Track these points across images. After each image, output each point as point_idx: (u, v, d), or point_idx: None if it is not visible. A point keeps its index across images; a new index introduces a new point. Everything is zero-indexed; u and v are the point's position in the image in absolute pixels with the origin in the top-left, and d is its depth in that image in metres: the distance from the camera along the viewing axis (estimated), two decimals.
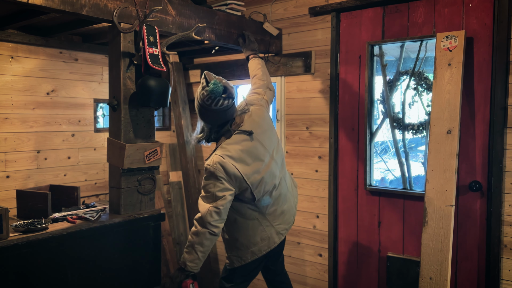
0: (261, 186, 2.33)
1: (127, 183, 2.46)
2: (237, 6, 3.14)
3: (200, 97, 2.26)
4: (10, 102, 3.00)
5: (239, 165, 2.24)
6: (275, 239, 2.44)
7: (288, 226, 2.52)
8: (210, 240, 2.24)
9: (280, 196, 2.46)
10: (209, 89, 2.20)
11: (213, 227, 2.22)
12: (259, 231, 2.41)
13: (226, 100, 2.23)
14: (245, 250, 2.41)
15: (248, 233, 2.40)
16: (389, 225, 3.01)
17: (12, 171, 3.02)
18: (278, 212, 2.46)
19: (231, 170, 2.22)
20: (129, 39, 2.40)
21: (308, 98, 3.33)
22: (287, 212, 2.51)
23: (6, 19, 2.71)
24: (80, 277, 2.26)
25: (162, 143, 2.57)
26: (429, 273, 2.55)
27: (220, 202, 2.21)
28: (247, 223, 2.40)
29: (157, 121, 4.11)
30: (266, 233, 2.42)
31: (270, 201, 2.41)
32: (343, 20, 3.14)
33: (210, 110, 2.25)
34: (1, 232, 2.01)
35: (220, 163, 2.21)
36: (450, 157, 2.53)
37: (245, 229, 2.40)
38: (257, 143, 2.35)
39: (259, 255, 2.42)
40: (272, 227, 2.44)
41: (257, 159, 2.33)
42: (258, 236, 2.40)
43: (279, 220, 2.46)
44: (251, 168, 2.30)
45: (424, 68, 2.91)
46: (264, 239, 2.42)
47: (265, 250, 2.42)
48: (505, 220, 2.58)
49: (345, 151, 3.17)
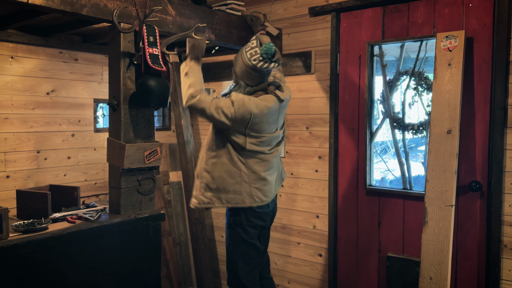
0: (258, 144, 2.41)
1: (127, 183, 2.46)
2: (237, 6, 3.14)
3: (247, 56, 2.34)
4: (10, 102, 3.00)
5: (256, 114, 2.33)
6: (245, 200, 2.43)
7: (265, 198, 2.48)
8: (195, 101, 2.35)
9: (272, 168, 2.51)
10: (262, 50, 2.30)
11: None
12: (236, 181, 2.42)
13: (272, 63, 2.33)
14: (216, 193, 2.45)
15: (225, 177, 2.43)
16: (389, 225, 3.01)
17: (12, 171, 3.02)
18: (262, 176, 2.46)
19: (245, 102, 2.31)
20: (129, 39, 2.40)
21: (308, 98, 3.33)
22: (270, 185, 2.51)
23: (6, 19, 2.71)
24: (80, 277, 2.26)
25: (162, 143, 2.57)
26: (429, 273, 2.55)
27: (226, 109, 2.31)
28: (229, 167, 2.42)
29: (157, 121, 4.11)
30: (240, 187, 2.43)
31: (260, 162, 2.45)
32: (343, 20, 3.14)
33: (254, 69, 2.34)
34: (1, 232, 2.01)
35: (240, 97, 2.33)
36: (450, 157, 2.53)
37: (225, 172, 2.43)
38: (277, 118, 2.47)
39: (226, 204, 2.45)
40: (249, 185, 2.43)
41: (273, 127, 2.46)
42: (233, 185, 2.43)
43: (259, 183, 2.46)
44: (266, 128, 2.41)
45: (424, 68, 2.91)
46: (236, 192, 2.43)
47: (233, 203, 2.43)
48: (505, 220, 2.58)
49: (345, 151, 3.17)
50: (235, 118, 2.31)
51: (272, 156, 2.50)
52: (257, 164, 2.45)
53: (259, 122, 2.37)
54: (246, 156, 2.42)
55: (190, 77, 2.40)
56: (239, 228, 2.50)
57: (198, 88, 2.37)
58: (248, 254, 2.53)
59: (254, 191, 2.45)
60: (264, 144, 2.44)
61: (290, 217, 3.48)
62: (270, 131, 2.46)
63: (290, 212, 3.48)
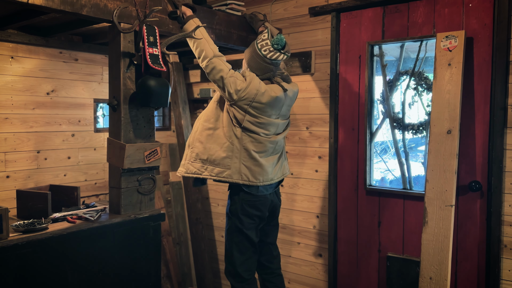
0: (255, 124, 2.46)
1: (127, 183, 2.46)
2: (237, 6, 3.14)
3: (259, 47, 2.45)
4: (10, 102, 3.00)
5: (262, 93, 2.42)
6: (233, 175, 2.48)
7: (253, 179, 2.50)
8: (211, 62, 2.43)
9: (266, 152, 2.55)
10: (273, 41, 2.43)
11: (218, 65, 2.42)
12: (227, 155, 2.48)
13: (282, 55, 2.45)
14: (205, 164, 2.51)
15: (217, 149, 2.48)
16: (389, 225, 3.01)
17: (12, 171, 3.02)
18: (253, 155, 2.50)
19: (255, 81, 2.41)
20: (129, 39, 2.40)
21: (308, 98, 3.33)
22: (261, 167, 2.53)
23: (6, 19, 2.71)
24: (80, 277, 2.26)
25: (162, 143, 2.57)
26: (429, 273, 2.55)
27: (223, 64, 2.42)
28: (223, 140, 2.49)
29: (157, 121, 4.11)
30: (230, 161, 2.48)
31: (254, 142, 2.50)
32: (343, 20, 3.14)
33: (263, 59, 2.45)
34: (1, 232, 2.01)
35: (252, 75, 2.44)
36: (450, 157, 2.53)
37: (218, 145, 2.49)
38: (281, 107, 2.55)
39: (213, 177, 2.50)
40: (239, 161, 2.48)
41: (275, 114, 2.53)
42: (223, 158, 2.48)
43: (249, 162, 2.50)
44: (268, 112, 2.48)
45: (424, 68, 2.91)
46: (225, 166, 2.48)
47: (220, 177, 2.48)
48: (505, 220, 2.58)
49: (345, 151, 3.17)
50: (244, 92, 2.40)
51: (267, 140, 2.54)
52: (250, 142, 2.49)
53: (262, 103, 2.44)
54: (241, 133, 2.48)
55: (204, 34, 2.46)
56: (235, 217, 2.56)
57: (217, 49, 2.46)
58: (243, 244, 2.58)
59: (243, 168, 2.49)
60: (261, 126, 2.49)
61: (290, 217, 3.48)
62: (269, 116, 2.51)
63: (290, 212, 3.48)
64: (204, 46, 2.43)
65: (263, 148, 2.53)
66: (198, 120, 2.62)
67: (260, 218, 2.61)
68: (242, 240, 2.57)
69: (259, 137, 2.51)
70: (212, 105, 2.58)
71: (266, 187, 2.60)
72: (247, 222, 2.56)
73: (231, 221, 2.59)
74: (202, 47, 2.43)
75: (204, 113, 2.61)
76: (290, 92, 2.59)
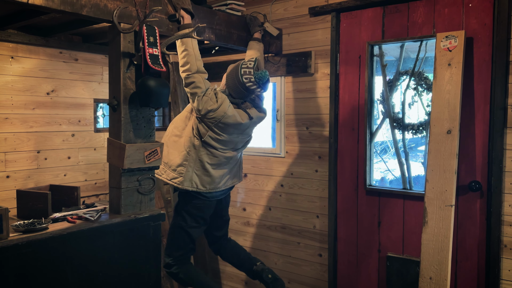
0: (215, 140, 2.63)
1: (127, 183, 2.46)
2: (237, 6, 3.14)
3: (241, 73, 2.59)
4: (10, 102, 3.00)
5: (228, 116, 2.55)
6: (184, 183, 2.66)
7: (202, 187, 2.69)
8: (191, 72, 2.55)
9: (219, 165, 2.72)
10: (256, 76, 2.57)
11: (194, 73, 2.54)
12: (182, 163, 2.66)
13: (259, 88, 2.60)
14: (164, 166, 2.71)
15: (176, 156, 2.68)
16: (389, 225, 3.01)
17: (12, 171, 3.02)
18: (206, 167, 2.68)
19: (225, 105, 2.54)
20: (129, 39, 2.40)
21: (308, 98, 3.33)
22: (211, 178, 2.71)
23: (6, 19, 2.71)
24: (80, 277, 2.26)
25: (162, 143, 2.57)
26: (429, 273, 2.55)
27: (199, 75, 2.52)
28: (182, 148, 2.67)
29: (157, 121, 4.11)
30: (184, 169, 2.66)
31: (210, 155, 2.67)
32: (343, 20, 3.14)
33: (242, 85, 2.59)
34: (1, 232, 2.01)
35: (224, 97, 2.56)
36: (450, 157, 2.53)
37: (178, 152, 2.68)
38: (244, 130, 2.72)
39: (168, 181, 2.70)
40: (192, 171, 2.66)
41: (236, 133, 2.69)
42: (179, 165, 2.66)
43: (200, 172, 2.68)
44: (230, 131, 2.64)
45: (424, 68, 2.91)
46: (179, 173, 2.67)
47: (173, 181, 2.67)
48: (505, 220, 2.58)
49: (345, 151, 3.17)
50: (213, 113, 2.53)
51: (223, 155, 2.71)
52: (206, 155, 2.66)
53: (226, 124, 2.59)
54: (200, 146, 2.65)
55: (194, 47, 2.53)
56: (179, 215, 2.80)
57: (202, 65, 2.56)
58: (183, 240, 2.80)
59: (194, 177, 2.68)
60: (220, 143, 2.66)
61: (290, 217, 3.49)
62: (230, 134, 2.67)
63: (290, 212, 3.48)
64: (191, 59, 2.52)
65: (216, 161, 2.71)
66: (171, 124, 2.79)
67: (203, 219, 2.83)
68: (183, 236, 2.79)
69: (216, 152, 2.68)
70: (184, 114, 2.76)
71: (212, 193, 2.78)
72: (190, 220, 2.78)
73: (175, 218, 2.83)
74: (188, 60, 2.52)
75: (176, 119, 2.79)
76: (256, 119, 2.75)
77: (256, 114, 2.74)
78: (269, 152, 3.56)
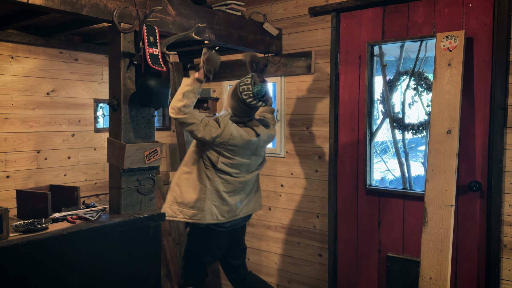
0: (228, 165, 2.60)
1: (127, 183, 2.46)
2: (237, 6, 3.14)
3: (240, 90, 2.60)
4: (10, 102, 3.00)
5: (235, 136, 2.53)
6: (206, 217, 2.61)
7: (221, 217, 2.65)
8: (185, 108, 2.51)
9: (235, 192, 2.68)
10: (254, 89, 2.57)
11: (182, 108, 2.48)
12: (200, 197, 2.61)
13: (260, 102, 2.61)
14: (180, 207, 2.66)
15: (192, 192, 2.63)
16: (389, 225, 3.01)
17: (12, 171, 3.02)
18: (223, 196, 2.63)
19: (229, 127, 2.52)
20: (129, 39, 2.40)
21: (308, 98, 3.33)
22: (229, 206, 2.67)
23: (6, 19, 2.71)
24: (80, 277, 2.26)
25: (162, 143, 2.57)
26: (429, 273, 2.55)
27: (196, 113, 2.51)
28: (196, 183, 2.63)
29: (157, 121, 4.11)
30: (203, 203, 2.61)
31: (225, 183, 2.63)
32: (343, 20, 3.14)
33: (243, 102, 2.60)
34: (1, 232, 2.01)
35: (226, 120, 2.55)
36: (450, 157, 2.53)
37: (193, 188, 2.63)
38: (255, 149, 2.68)
39: (187, 219, 2.65)
40: (210, 202, 2.61)
41: (248, 154, 2.65)
42: (197, 201, 2.61)
43: (218, 202, 2.63)
44: (241, 153, 2.60)
45: (424, 68, 2.91)
46: (199, 209, 2.61)
47: (194, 219, 2.63)
48: (505, 220, 2.58)
49: (345, 151, 3.17)
50: (219, 138, 2.51)
51: (237, 180, 2.67)
52: (221, 184, 2.63)
53: (235, 146, 2.57)
54: (214, 175, 2.61)
55: (189, 92, 2.51)
56: (193, 242, 2.80)
57: (190, 102, 2.50)
58: (197, 265, 2.80)
59: (213, 208, 2.64)
60: (233, 167, 2.63)
61: (290, 217, 3.49)
62: (242, 156, 2.64)
63: (290, 212, 3.48)
64: (190, 98, 2.49)
65: (232, 188, 2.67)
66: (181, 164, 2.78)
67: (219, 248, 2.80)
68: (197, 263, 2.79)
69: (230, 178, 2.65)
70: (191, 149, 2.73)
71: (231, 222, 2.73)
72: (204, 250, 2.77)
73: (188, 244, 2.83)
74: (187, 97, 2.48)
75: (185, 158, 2.77)
76: (265, 136, 2.71)
77: (264, 131, 2.71)
78: (269, 152, 3.56)
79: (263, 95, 2.61)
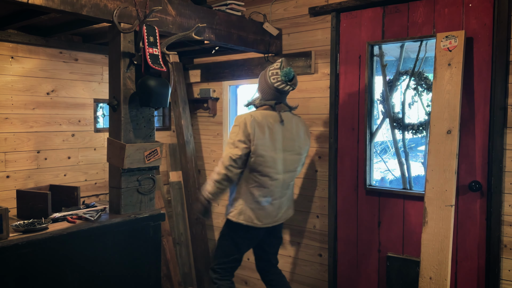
0: (261, 163, 2.59)
1: (127, 183, 2.46)
2: (237, 6, 3.14)
3: (269, 75, 2.65)
4: (10, 102, 3.00)
5: (257, 129, 2.56)
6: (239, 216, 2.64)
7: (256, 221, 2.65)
8: (226, 182, 2.61)
9: (270, 197, 2.68)
10: (282, 73, 2.61)
11: (228, 171, 2.57)
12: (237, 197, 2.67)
13: (288, 86, 2.63)
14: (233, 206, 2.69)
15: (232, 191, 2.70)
16: (389, 225, 3.01)
17: (12, 171, 3.02)
18: (258, 199, 2.64)
19: (250, 128, 2.55)
20: (129, 39, 2.41)
21: (308, 98, 3.33)
22: (264, 211, 2.68)
23: (6, 19, 2.71)
24: (80, 277, 2.26)
25: (162, 143, 2.57)
26: (429, 273, 2.55)
27: (235, 151, 2.56)
28: (238, 184, 2.67)
29: (157, 121, 4.11)
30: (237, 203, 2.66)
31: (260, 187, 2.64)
32: (343, 20, 3.14)
33: (271, 87, 2.63)
34: (1, 232, 2.01)
35: (246, 118, 2.58)
36: (450, 157, 2.53)
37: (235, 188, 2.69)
38: (282, 135, 2.67)
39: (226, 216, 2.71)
40: (245, 204, 2.64)
41: (274, 142, 2.63)
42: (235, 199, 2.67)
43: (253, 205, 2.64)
44: (266, 140, 2.59)
45: (424, 68, 2.91)
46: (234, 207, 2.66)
47: (229, 214, 2.68)
48: (505, 220, 2.58)
49: (345, 151, 3.17)
50: (242, 137, 2.55)
51: (273, 185, 2.66)
52: (256, 188, 2.64)
53: (258, 130, 2.56)
54: (249, 175, 2.62)
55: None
56: (225, 241, 2.78)
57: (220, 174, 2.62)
58: (229, 248, 2.78)
59: (247, 210, 2.64)
60: (268, 164, 2.60)
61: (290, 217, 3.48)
62: (273, 149, 2.62)
63: None
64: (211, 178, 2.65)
65: (267, 193, 2.66)
66: None
67: (256, 237, 2.79)
68: (230, 244, 2.77)
69: (266, 182, 2.63)
70: None
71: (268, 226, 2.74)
72: (234, 249, 2.77)
73: (220, 241, 2.82)
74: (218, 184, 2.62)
75: None
76: (289, 124, 2.70)
77: (288, 118, 2.70)
78: None
79: (291, 79, 2.64)
